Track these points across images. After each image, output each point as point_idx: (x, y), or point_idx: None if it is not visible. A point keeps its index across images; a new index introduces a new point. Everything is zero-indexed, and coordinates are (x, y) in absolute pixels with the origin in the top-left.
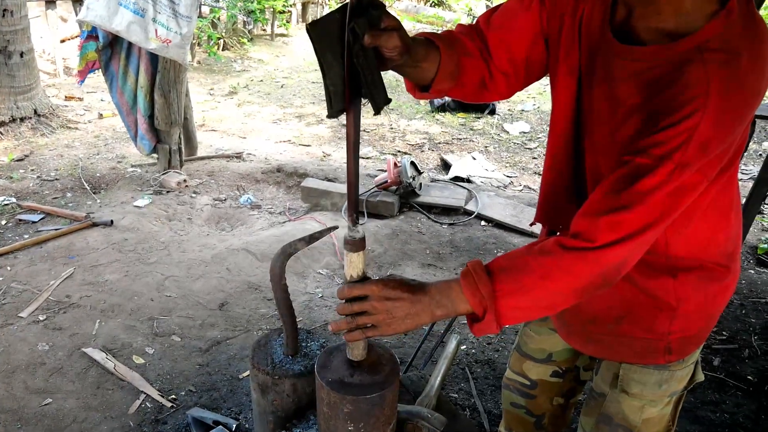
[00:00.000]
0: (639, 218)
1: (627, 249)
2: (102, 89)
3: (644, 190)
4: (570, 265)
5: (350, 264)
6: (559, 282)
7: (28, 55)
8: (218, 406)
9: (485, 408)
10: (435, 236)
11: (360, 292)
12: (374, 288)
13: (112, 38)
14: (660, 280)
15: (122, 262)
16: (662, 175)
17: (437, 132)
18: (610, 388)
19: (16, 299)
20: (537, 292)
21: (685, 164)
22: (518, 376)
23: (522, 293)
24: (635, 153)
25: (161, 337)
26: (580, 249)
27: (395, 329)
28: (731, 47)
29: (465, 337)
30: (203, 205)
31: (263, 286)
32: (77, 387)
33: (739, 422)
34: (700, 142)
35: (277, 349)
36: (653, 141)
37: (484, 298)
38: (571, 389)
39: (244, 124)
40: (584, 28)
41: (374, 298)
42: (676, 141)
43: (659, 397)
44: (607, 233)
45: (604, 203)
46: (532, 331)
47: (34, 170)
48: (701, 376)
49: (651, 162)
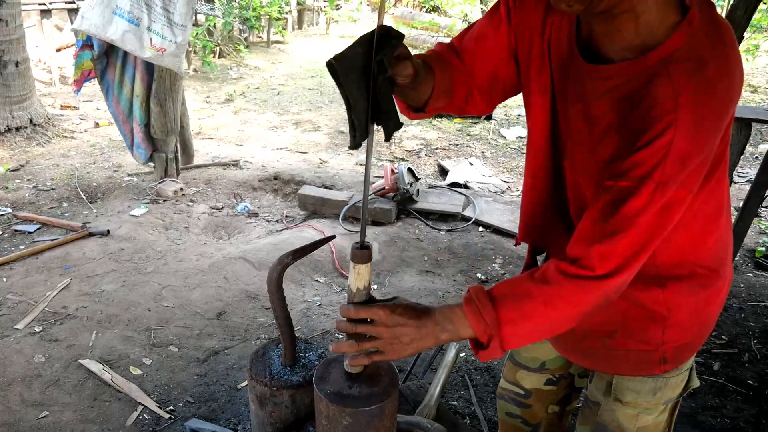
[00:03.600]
0: (631, 243)
1: (626, 275)
2: (98, 98)
3: (631, 214)
4: (572, 294)
5: (357, 276)
6: (563, 309)
7: (24, 64)
8: (216, 417)
9: (485, 415)
10: (433, 242)
11: (367, 315)
12: (382, 313)
13: (107, 47)
14: (649, 291)
15: (119, 272)
16: (645, 196)
17: (434, 138)
18: (604, 396)
19: (12, 311)
20: (540, 318)
21: (666, 181)
22: (512, 386)
23: (525, 320)
24: (616, 177)
25: (158, 348)
26: (581, 277)
27: (399, 354)
28: (697, 56)
29: (464, 344)
30: (200, 214)
31: (261, 295)
32: (74, 399)
33: (740, 427)
34: (677, 157)
35: (275, 359)
36: (631, 163)
37: (488, 326)
38: (566, 396)
39: (240, 132)
40: (553, 48)
41: (381, 323)
42: (653, 160)
43: (654, 405)
44: (604, 262)
45: (595, 231)
46: None
47: (29, 180)
48: (696, 383)
49: (632, 184)
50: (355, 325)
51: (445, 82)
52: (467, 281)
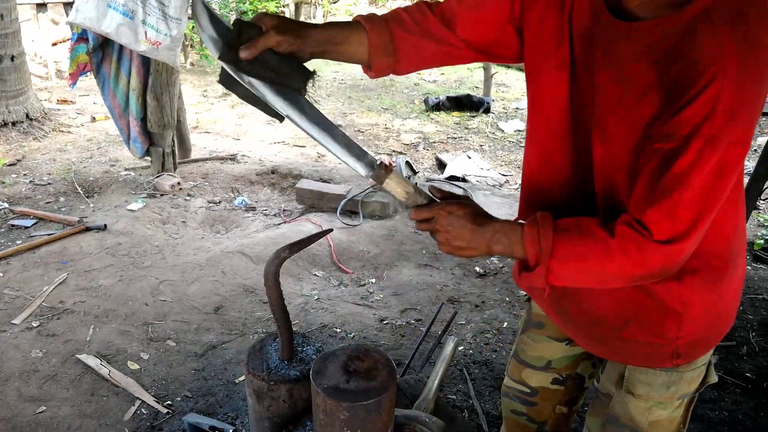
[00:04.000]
0: (687, 206)
1: (686, 243)
2: (94, 92)
3: (681, 173)
4: (632, 252)
5: (393, 190)
6: (618, 264)
7: (19, 58)
8: (214, 412)
9: (483, 409)
10: (431, 236)
11: (428, 215)
12: (441, 212)
13: (102, 40)
14: (666, 285)
15: (116, 267)
16: (693, 153)
17: (432, 131)
18: (616, 388)
19: (9, 306)
20: (593, 264)
21: (715, 136)
22: (518, 384)
23: (578, 260)
24: (663, 139)
25: (156, 342)
26: (643, 237)
27: (453, 251)
28: (737, 7)
29: (462, 338)
30: (197, 208)
31: (258, 289)
32: (71, 394)
33: (738, 420)
34: (726, 109)
35: (273, 354)
36: (677, 122)
37: (541, 252)
38: (574, 398)
39: (238, 126)
40: (575, 20)
41: (439, 223)
42: (700, 115)
43: (667, 399)
44: (660, 226)
45: (647, 194)
46: (530, 339)
47: (26, 175)
48: (714, 378)
49: (680, 144)
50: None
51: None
52: (465, 275)
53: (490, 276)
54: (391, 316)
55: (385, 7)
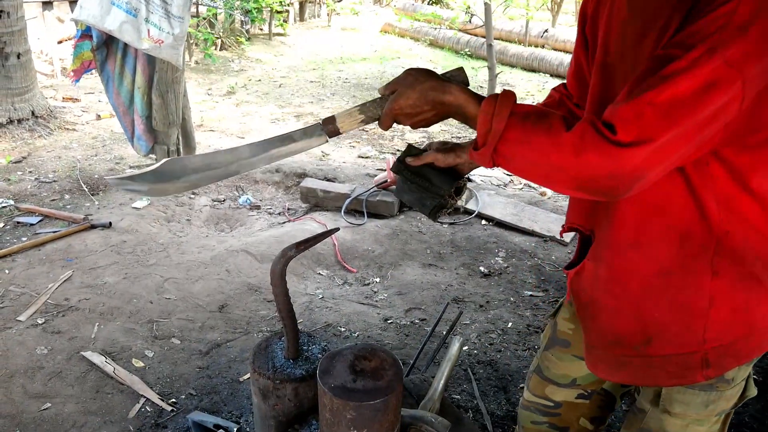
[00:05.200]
0: (661, 111)
1: (646, 154)
2: (100, 90)
3: (668, 74)
4: (582, 146)
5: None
6: (565, 160)
7: (25, 56)
8: (219, 410)
9: (488, 409)
10: (435, 236)
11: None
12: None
13: (107, 38)
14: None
15: (121, 265)
16: (689, 60)
17: (437, 130)
18: (651, 405)
19: (15, 302)
20: (539, 155)
21: (717, 47)
22: (540, 399)
23: (524, 146)
24: (667, 47)
25: (161, 340)
26: (600, 135)
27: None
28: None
29: (467, 338)
30: (202, 206)
31: (263, 288)
32: (76, 391)
33: (745, 422)
34: (738, 24)
35: (278, 352)
36: (687, 33)
37: (489, 133)
38: (601, 417)
39: (242, 124)
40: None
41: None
42: (711, 28)
43: (705, 417)
44: (627, 125)
45: (627, 92)
46: (554, 357)
47: (31, 172)
48: (753, 391)
49: (681, 51)
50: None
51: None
52: (470, 275)
53: (494, 276)
54: (395, 315)
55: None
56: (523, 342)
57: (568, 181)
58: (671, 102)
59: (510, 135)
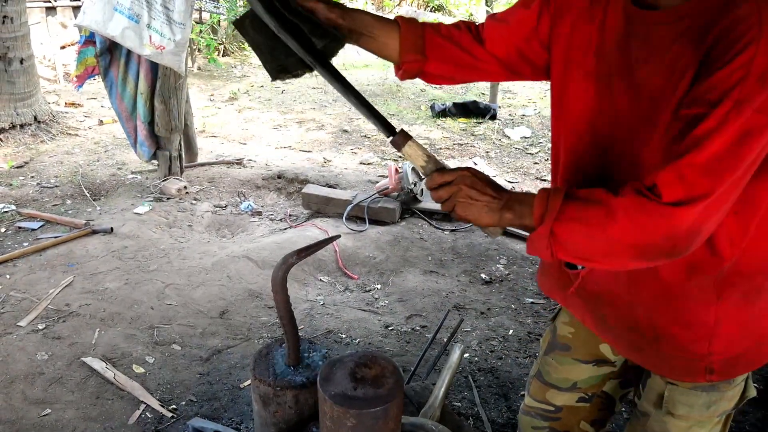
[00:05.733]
0: (702, 169)
1: (697, 212)
2: (102, 96)
3: (701, 134)
4: (634, 213)
5: (410, 158)
6: (619, 227)
7: (28, 61)
8: (219, 416)
9: (489, 417)
10: (437, 242)
11: (450, 177)
12: (465, 173)
13: (110, 44)
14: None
15: (122, 270)
16: (718, 117)
17: (438, 137)
18: (654, 408)
19: (15, 308)
20: (596, 230)
21: (743, 101)
22: (541, 404)
23: (581, 224)
24: (690, 104)
25: (161, 346)
26: (648, 199)
27: (466, 215)
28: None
29: (468, 345)
30: (204, 212)
31: (264, 294)
32: (77, 397)
33: (746, 430)
34: (759, 75)
35: (279, 359)
36: (707, 86)
37: (547, 211)
38: (602, 420)
39: (244, 130)
40: (609, 31)
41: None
42: (731, 80)
43: (707, 418)
44: (670, 188)
45: (664, 158)
46: (555, 361)
47: (33, 177)
48: (753, 392)
49: (706, 109)
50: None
51: (413, 37)
52: (471, 281)
53: (495, 283)
54: (396, 322)
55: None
56: (525, 349)
57: (628, 251)
58: (711, 161)
59: (565, 214)
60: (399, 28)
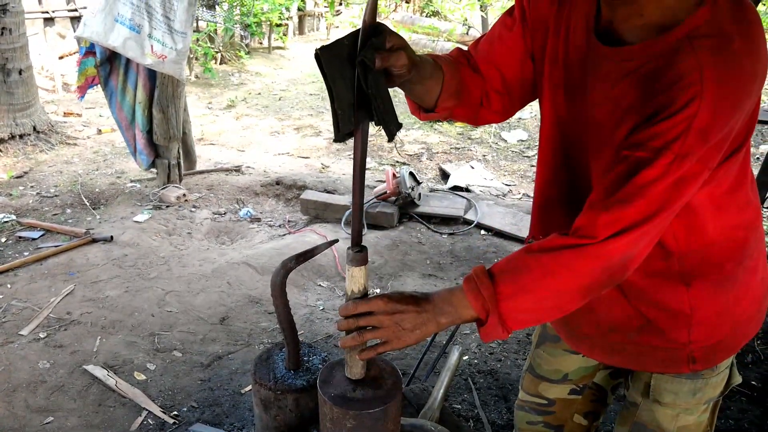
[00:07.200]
0: (638, 212)
1: (627, 241)
2: (100, 105)
3: (643, 183)
4: (570, 262)
5: (351, 279)
6: (561, 280)
7: (27, 72)
8: (221, 422)
9: (489, 419)
10: (435, 246)
11: (366, 308)
12: (380, 302)
13: (110, 54)
14: (673, 291)
15: (122, 278)
16: (661, 167)
17: (435, 141)
18: (642, 397)
19: (17, 317)
20: (540, 292)
21: (685, 154)
22: (534, 397)
23: (524, 294)
24: (634, 147)
25: (162, 353)
26: (580, 245)
27: (404, 341)
28: (721, 32)
29: (467, 347)
30: (203, 219)
31: (264, 300)
32: (79, 405)
33: (744, 428)
34: (699, 129)
35: (279, 363)
36: (651, 133)
37: (486, 301)
38: (595, 412)
39: (242, 137)
40: (571, 42)
41: (381, 312)
42: (674, 131)
43: (694, 405)
44: (607, 229)
45: (604, 200)
46: (545, 353)
47: (33, 187)
48: (738, 379)
49: (650, 155)
50: (356, 320)
51: (456, 83)
52: None
53: None
54: None
55: (388, 19)
56: (523, 351)
57: (576, 296)
58: (648, 205)
59: (504, 292)
60: (443, 73)
